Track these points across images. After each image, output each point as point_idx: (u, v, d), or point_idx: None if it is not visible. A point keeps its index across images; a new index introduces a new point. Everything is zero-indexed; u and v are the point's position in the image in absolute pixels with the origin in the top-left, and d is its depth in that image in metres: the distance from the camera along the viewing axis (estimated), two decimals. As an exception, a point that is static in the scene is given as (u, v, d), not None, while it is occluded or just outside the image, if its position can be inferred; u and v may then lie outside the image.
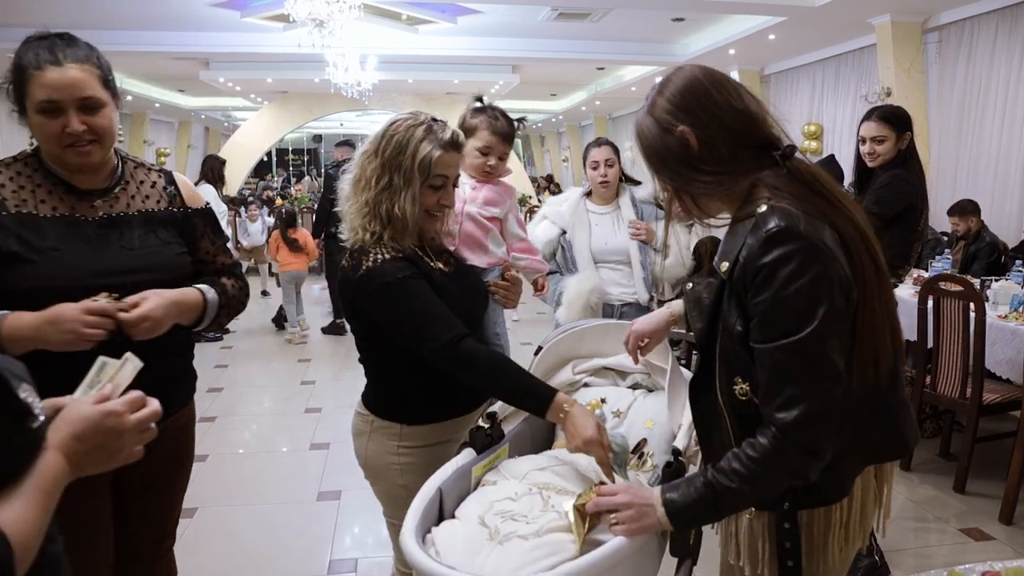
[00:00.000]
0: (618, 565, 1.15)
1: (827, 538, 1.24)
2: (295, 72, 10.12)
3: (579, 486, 1.41)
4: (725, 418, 1.22)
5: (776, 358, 1.10)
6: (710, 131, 1.17)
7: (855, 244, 1.15)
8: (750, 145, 1.19)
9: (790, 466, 1.12)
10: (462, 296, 1.65)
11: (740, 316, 1.15)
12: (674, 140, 1.19)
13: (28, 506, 0.80)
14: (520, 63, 10.07)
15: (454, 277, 1.67)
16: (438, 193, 1.61)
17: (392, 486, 1.65)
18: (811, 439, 1.10)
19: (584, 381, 1.78)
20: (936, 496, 3.31)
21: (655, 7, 7.05)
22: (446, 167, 1.59)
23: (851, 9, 6.30)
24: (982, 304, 3.22)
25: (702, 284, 1.25)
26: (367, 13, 7.26)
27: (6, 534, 0.75)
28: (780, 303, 1.09)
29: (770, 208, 1.13)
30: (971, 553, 2.84)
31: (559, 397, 1.49)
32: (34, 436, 0.83)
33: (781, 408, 1.10)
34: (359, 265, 1.55)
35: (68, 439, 0.85)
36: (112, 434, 0.88)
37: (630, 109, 14.22)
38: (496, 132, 1.98)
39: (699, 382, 1.27)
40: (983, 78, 6.07)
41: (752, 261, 1.11)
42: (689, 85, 1.20)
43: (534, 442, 1.69)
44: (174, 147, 15.84)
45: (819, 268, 1.09)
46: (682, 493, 1.18)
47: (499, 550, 1.19)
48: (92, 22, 7.78)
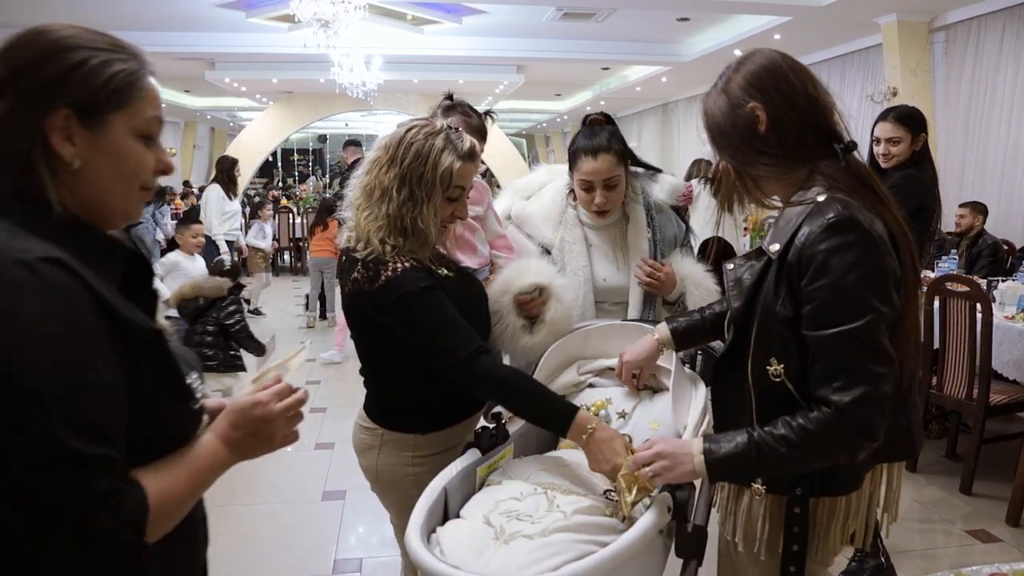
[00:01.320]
0: (623, 566, 1.15)
1: (830, 527, 1.27)
2: (300, 72, 10.14)
3: (585, 487, 1.41)
4: (751, 399, 1.24)
5: (833, 345, 1.12)
6: (781, 111, 1.20)
7: (904, 245, 1.18)
8: (816, 132, 1.22)
9: (845, 443, 1.14)
10: (473, 302, 1.62)
11: (789, 299, 1.17)
12: (743, 116, 1.21)
13: (175, 477, 0.88)
14: (525, 63, 10.07)
15: (461, 283, 1.63)
16: (453, 205, 1.57)
17: (407, 497, 1.52)
18: (868, 420, 1.12)
19: (589, 382, 1.78)
20: (942, 497, 3.30)
21: (660, 7, 7.04)
22: (464, 178, 1.55)
23: (857, 9, 6.28)
24: (989, 305, 3.21)
25: (744, 265, 1.28)
26: (372, 13, 7.27)
27: (147, 495, 0.82)
28: (837, 291, 1.11)
29: (830, 197, 1.16)
30: (978, 555, 2.83)
31: (581, 416, 1.41)
32: (192, 415, 0.95)
33: (839, 391, 1.12)
34: (377, 276, 1.48)
35: (226, 427, 0.96)
36: (261, 421, 0.97)
37: (635, 109, 14.20)
38: (473, 130, 1.88)
39: (727, 361, 1.29)
40: (990, 78, 6.05)
41: (810, 247, 1.14)
42: (768, 65, 1.23)
43: (539, 442, 1.69)
44: (180, 147, 15.89)
45: (876, 260, 1.12)
46: (723, 445, 1.20)
47: (504, 549, 1.19)
48: (97, 23, 7.74)
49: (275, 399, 0.99)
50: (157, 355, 0.88)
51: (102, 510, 0.77)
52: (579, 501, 1.33)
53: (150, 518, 0.82)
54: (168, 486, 0.87)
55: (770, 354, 1.20)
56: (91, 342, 0.80)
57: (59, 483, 0.76)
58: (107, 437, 0.80)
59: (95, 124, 0.86)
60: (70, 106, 0.84)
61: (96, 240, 0.88)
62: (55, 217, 0.84)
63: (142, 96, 0.90)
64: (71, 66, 0.85)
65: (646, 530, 1.19)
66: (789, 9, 6.48)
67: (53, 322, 0.78)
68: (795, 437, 1.15)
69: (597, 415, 1.64)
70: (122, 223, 0.94)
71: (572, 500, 1.33)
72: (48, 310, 0.78)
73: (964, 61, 6.30)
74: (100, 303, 0.82)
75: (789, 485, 1.24)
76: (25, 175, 0.84)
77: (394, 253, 1.50)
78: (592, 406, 1.66)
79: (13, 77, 0.84)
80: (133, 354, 0.84)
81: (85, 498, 0.76)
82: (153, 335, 0.88)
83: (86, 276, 0.81)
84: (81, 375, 0.78)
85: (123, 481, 0.81)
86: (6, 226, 0.82)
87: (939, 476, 3.50)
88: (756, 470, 1.21)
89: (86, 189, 0.87)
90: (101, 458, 0.78)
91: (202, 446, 0.94)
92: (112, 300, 0.83)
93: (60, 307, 0.78)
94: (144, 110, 0.90)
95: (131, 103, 0.88)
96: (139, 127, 0.90)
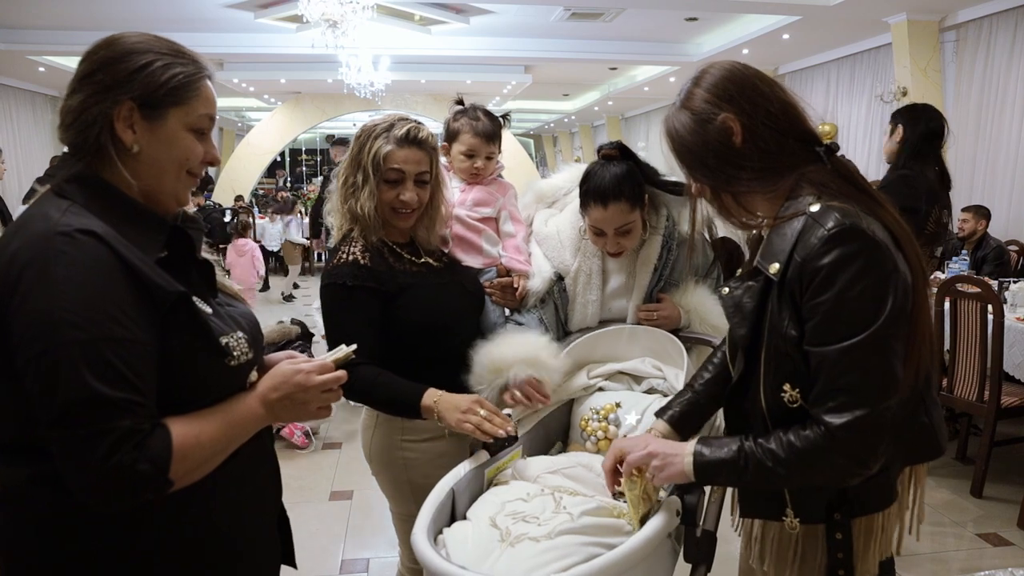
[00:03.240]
0: (630, 569, 1.14)
1: (869, 543, 1.22)
2: (308, 73, 10.16)
3: (592, 489, 1.40)
4: (767, 423, 1.16)
5: (833, 361, 1.05)
6: (756, 120, 1.12)
7: (907, 243, 1.11)
8: (796, 138, 1.15)
9: (834, 469, 1.08)
10: (436, 294, 1.68)
11: (793, 319, 1.10)
12: (714, 132, 1.14)
13: (205, 425, 0.99)
14: (533, 63, 10.06)
15: (433, 275, 1.70)
16: (396, 188, 1.64)
17: (397, 480, 1.68)
18: (862, 447, 1.06)
19: (599, 385, 1.77)
20: (953, 500, 3.28)
21: (668, 7, 7.01)
22: (400, 162, 1.62)
23: (867, 8, 6.25)
24: (1000, 306, 3.18)
25: (741, 288, 1.19)
26: (380, 14, 7.28)
27: (172, 437, 0.93)
28: (842, 305, 1.04)
29: (825, 206, 1.08)
30: (988, 558, 2.81)
31: (427, 393, 1.53)
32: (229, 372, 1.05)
33: (833, 412, 1.05)
34: (330, 260, 1.66)
35: (266, 388, 1.07)
36: (299, 388, 1.07)
37: (643, 109, 14.17)
38: (478, 133, 1.90)
39: (739, 388, 1.22)
40: (1001, 77, 6.00)
41: (811, 261, 1.06)
42: (730, 75, 1.16)
43: (548, 445, 1.68)
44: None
45: (883, 269, 1.05)
46: (713, 449, 1.16)
47: (510, 552, 1.18)
48: (105, 23, 7.84)
49: (316, 371, 1.09)
50: (187, 315, 1.00)
51: (124, 447, 0.89)
52: (586, 502, 1.32)
53: (174, 458, 0.93)
54: (196, 432, 0.97)
55: (784, 380, 1.12)
56: (116, 302, 0.93)
57: (86, 420, 0.88)
58: (130, 383, 0.91)
59: (154, 116, 1.02)
60: (134, 99, 1.00)
61: (140, 217, 1.02)
62: (109, 196, 1.00)
63: (196, 96, 1.05)
64: (138, 67, 1.00)
65: (654, 534, 1.18)
66: (798, 8, 6.45)
67: (83, 283, 0.91)
68: (782, 453, 1.09)
69: (607, 418, 1.63)
70: (173, 205, 1.09)
71: (579, 501, 1.33)
72: (79, 273, 0.91)
73: (975, 60, 6.25)
74: (130, 270, 0.95)
75: (825, 513, 1.18)
76: (94, 158, 1.00)
77: (345, 239, 1.66)
78: (602, 409, 1.66)
79: (91, 73, 1.00)
80: (162, 315, 0.97)
81: (109, 434, 0.88)
82: (179, 296, 0.99)
83: (119, 247, 0.95)
84: (106, 328, 0.91)
85: (147, 423, 0.92)
86: (64, 205, 0.97)
87: (950, 479, 3.47)
88: (740, 479, 1.15)
89: (144, 172, 1.03)
90: (123, 401, 0.90)
91: (240, 401, 1.05)
92: (142, 268, 0.96)
93: (90, 271, 0.92)
94: (197, 108, 1.05)
95: (186, 101, 1.04)
96: (192, 122, 1.05)
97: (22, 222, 0.98)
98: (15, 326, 0.91)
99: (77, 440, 0.88)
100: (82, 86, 1.00)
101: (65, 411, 0.88)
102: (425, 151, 1.66)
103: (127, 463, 0.89)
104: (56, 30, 7.85)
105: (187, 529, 1.03)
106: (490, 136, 1.92)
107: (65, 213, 0.95)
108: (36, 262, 0.91)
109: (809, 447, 1.07)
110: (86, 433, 0.88)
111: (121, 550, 0.99)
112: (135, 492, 0.91)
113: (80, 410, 0.88)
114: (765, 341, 1.14)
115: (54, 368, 0.88)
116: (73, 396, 0.88)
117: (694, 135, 1.16)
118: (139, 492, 0.91)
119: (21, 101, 10.34)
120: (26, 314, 0.90)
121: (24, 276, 0.91)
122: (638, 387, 1.76)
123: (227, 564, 1.09)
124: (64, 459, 0.90)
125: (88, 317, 0.90)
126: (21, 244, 0.93)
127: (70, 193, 0.99)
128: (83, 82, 1.01)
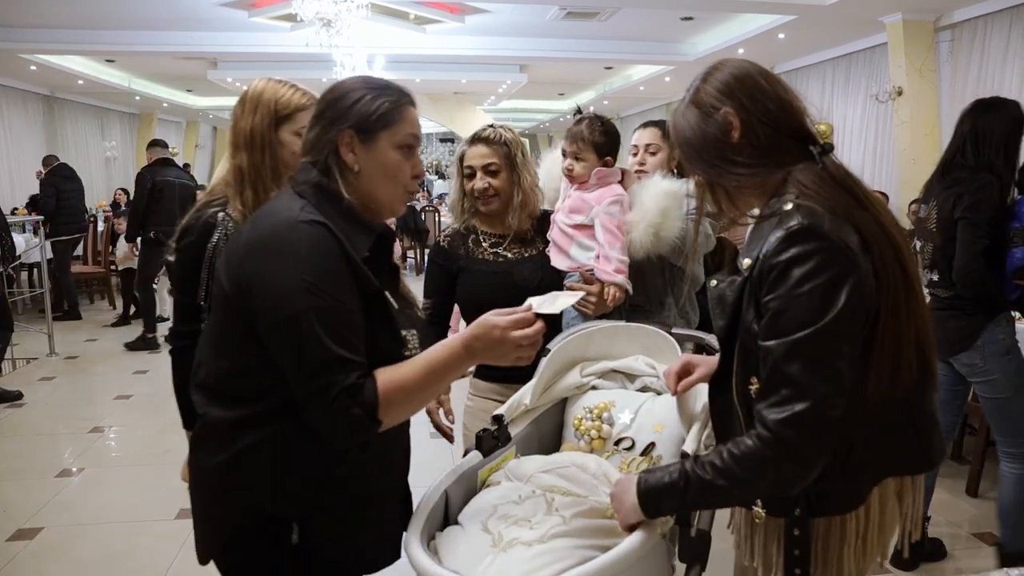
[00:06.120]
0: (625, 572, 1.12)
1: (842, 549, 1.21)
2: (303, 72, 10.11)
3: (585, 489, 1.38)
4: (739, 417, 1.20)
5: (778, 355, 1.06)
6: (753, 117, 1.17)
7: (882, 248, 1.11)
8: (791, 136, 1.18)
9: (771, 472, 1.07)
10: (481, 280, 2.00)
11: (756, 314, 1.13)
12: (714, 125, 1.18)
13: (408, 372, 1.18)
14: (528, 62, 10.06)
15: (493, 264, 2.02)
16: (472, 181, 2.02)
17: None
18: (800, 445, 1.05)
19: (592, 384, 1.75)
20: (948, 500, 3.27)
21: (664, 6, 7.01)
22: (469, 158, 2.03)
23: (862, 7, 6.25)
24: (996, 305, 3.16)
25: (726, 282, 1.23)
26: (375, 12, 7.26)
27: (378, 387, 1.13)
28: (791, 300, 1.06)
29: (796, 206, 1.10)
30: (984, 558, 2.81)
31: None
32: (404, 359, 1.22)
33: (775, 406, 1.05)
34: None
35: (470, 335, 1.21)
36: (496, 341, 1.19)
37: (639, 108, 14.17)
38: (568, 134, 2.09)
39: (718, 380, 1.26)
40: (996, 77, 6.01)
41: (770, 258, 1.09)
42: (738, 72, 1.20)
43: (541, 445, 1.67)
44: (182, 147, 15.89)
45: (837, 270, 1.06)
46: (656, 477, 1.16)
47: (502, 557, 1.17)
48: (100, 22, 7.80)
49: (513, 327, 1.19)
50: (381, 306, 1.22)
51: (344, 396, 1.11)
52: (579, 503, 1.31)
53: (381, 402, 1.13)
54: (401, 378, 1.16)
55: (751, 372, 1.14)
56: (340, 280, 1.16)
57: (324, 375, 1.11)
58: (353, 346, 1.14)
59: (369, 140, 1.25)
60: (353, 128, 1.24)
61: (355, 221, 1.24)
62: (333, 202, 1.23)
63: (401, 120, 1.27)
64: (353, 102, 1.25)
65: (648, 535, 1.17)
66: (794, 8, 6.45)
67: (318, 262, 1.14)
68: (720, 463, 1.09)
69: (600, 417, 1.62)
70: (387, 214, 1.32)
71: (571, 502, 1.31)
72: (316, 254, 1.15)
73: (970, 60, 6.26)
74: (349, 258, 1.18)
75: (790, 506, 1.19)
76: (325, 174, 1.25)
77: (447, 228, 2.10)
78: (595, 408, 1.64)
79: (322, 112, 1.27)
80: (364, 301, 1.19)
81: (337, 387, 1.11)
82: (378, 291, 1.21)
83: (342, 239, 1.18)
84: (336, 300, 1.14)
85: (363, 377, 1.14)
86: (301, 203, 1.21)
87: (945, 478, 3.46)
88: (685, 501, 1.13)
89: (363, 187, 1.26)
90: (349, 360, 1.13)
91: (444, 345, 1.22)
92: (356, 259, 1.19)
93: (324, 254, 1.15)
94: (403, 129, 1.27)
95: (393, 124, 1.26)
96: (399, 141, 1.27)
97: (269, 210, 1.24)
98: (261, 293, 1.14)
99: (317, 391, 1.11)
100: (316, 123, 1.27)
101: (311, 368, 1.11)
102: (491, 146, 2.00)
103: (345, 408, 1.11)
104: (48, 28, 7.81)
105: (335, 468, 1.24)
106: (577, 136, 2.05)
107: (303, 210, 1.19)
108: (284, 242, 1.15)
109: (749, 452, 1.07)
110: (321, 385, 1.11)
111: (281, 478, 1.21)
112: (354, 431, 1.14)
113: (320, 368, 1.11)
114: (739, 334, 1.18)
115: (302, 329, 1.11)
116: (317, 355, 1.11)
117: (695, 128, 1.21)
118: (356, 431, 1.14)
119: (12, 100, 10.29)
120: (275, 283, 1.13)
121: (269, 253, 1.15)
122: (632, 385, 1.75)
123: (358, 503, 1.29)
124: (306, 405, 1.14)
125: (323, 289, 1.13)
126: (271, 227, 1.18)
127: (306, 194, 1.23)
128: (317, 119, 1.28)
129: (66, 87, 10.98)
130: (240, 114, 1.70)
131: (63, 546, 2.95)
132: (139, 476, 3.64)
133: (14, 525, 3.11)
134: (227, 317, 1.22)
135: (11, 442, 4.17)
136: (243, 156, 1.67)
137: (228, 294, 1.20)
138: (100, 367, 5.78)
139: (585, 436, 1.62)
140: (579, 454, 1.53)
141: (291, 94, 1.74)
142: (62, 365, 5.84)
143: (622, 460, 1.56)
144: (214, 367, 1.26)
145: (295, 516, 1.24)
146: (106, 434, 4.27)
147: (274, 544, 1.24)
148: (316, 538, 1.25)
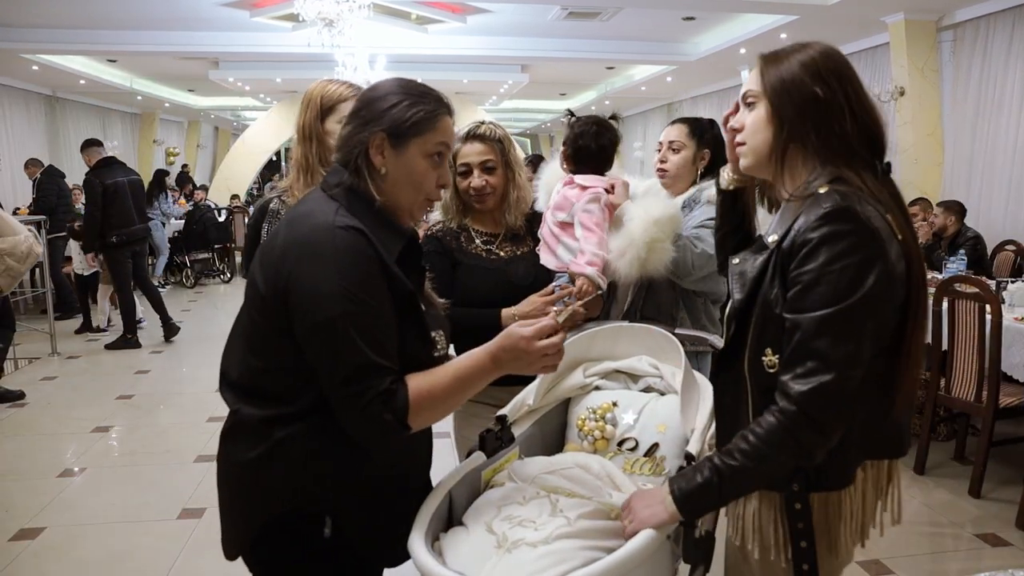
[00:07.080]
0: (630, 573, 1.12)
1: (840, 528, 1.24)
2: (304, 72, 10.13)
3: (589, 490, 1.38)
4: (747, 392, 1.22)
5: (805, 328, 1.10)
6: (856, 109, 1.17)
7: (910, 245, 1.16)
8: (866, 144, 1.19)
9: (797, 443, 1.12)
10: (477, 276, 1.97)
11: (781, 288, 1.16)
12: (816, 90, 1.17)
13: (438, 379, 1.21)
14: (530, 62, 10.06)
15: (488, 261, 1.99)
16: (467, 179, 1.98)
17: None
18: (823, 414, 1.10)
19: (595, 384, 1.75)
20: (951, 501, 3.27)
21: (666, 6, 7.01)
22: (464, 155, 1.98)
23: (864, 7, 6.25)
24: (998, 306, 3.17)
25: (748, 259, 1.26)
26: (376, 12, 7.26)
27: (409, 393, 1.17)
28: (823, 276, 1.10)
29: (831, 189, 1.14)
30: (987, 559, 2.80)
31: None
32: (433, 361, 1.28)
33: (800, 378, 1.10)
34: None
35: (496, 346, 1.23)
36: (522, 351, 1.22)
37: (640, 109, 14.16)
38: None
39: (727, 353, 1.27)
40: (999, 77, 6.00)
41: (804, 234, 1.12)
42: (847, 63, 1.21)
43: (545, 445, 1.66)
44: (183, 147, 15.91)
45: (867, 252, 1.10)
46: (688, 479, 1.19)
47: (507, 559, 1.16)
48: (101, 22, 7.81)
49: (537, 336, 1.22)
50: (411, 308, 1.24)
51: (378, 402, 1.14)
52: (583, 504, 1.31)
53: (411, 409, 1.16)
54: (430, 386, 1.20)
55: (767, 344, 1.19)
56: (376, 284, 1.18)
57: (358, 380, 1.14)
58: (387, 352, 1.17)
59: (399, 145, 1.26)
60: (384, 131, 1.25)
61: (387, 224, 1.26)
62: (365, 205, 1.24)
63: (434, 129, 1.28)
64: (389, 105, 1.26)
65: (653, 536, 1.17)
66: (796, 8, 6.45)
67: (354, 267, 1.16)
68: (749, 447, 1.13)
69: (603, 418, 1.62)
70: (407, 220, 1.33)
71: (575, 503, 1.31)
72: (352, 259, 1.17)
73: (972, 60, 6.25)
74: (383, 263, 1.20)
75: (786, 482, 1.22)
76: (356, 175, 1.26)
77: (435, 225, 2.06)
78: (598, 408, 1.64)
79: (358, 110, 1.28)
80: (396, 303, 1.21)
81: (371, 392, 1.14)
82: (410, 293, 1.24)
83: (376, 243, 1.19)
84: (371, 305, 1.17)
85: (396, 383, 1.16)
86: (334, 206, 1.23)
87: (947, 479, 3.46)
88: (723, 493, 1.18)
89: (388, 190, 1.27)
90: (384, 367, 1.16)
91: (472, 356, 1.24)
92: (389, 262, 1.21)
93: (360, 259, 1.17)
94: (435, 138, 1.28)
95: (425, 133, 1.27)
96: (429, 149, 1.28)
97: (304, 213, 1.24)
98: (299, 296, 1.16)
99: (352, 395, 1.14)
100: (351, 119, 1.28)
101: (348, 373, 1.14)
102: (487, 143, 1.95)
103: (378, 413, 1.14)
104: (50, 28, 7.82)
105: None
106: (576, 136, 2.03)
107: (337, 213, 1.21)
108: (320, 247, 1.16)
109: (773, 427, 1.12)
110: (357, 390, 1.14)
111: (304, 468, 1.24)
112: (384, 435, 1.17)
113: (357, 373, 1.14)
114: (757, 307, 1.20)
115: (337, 334, 1.14)
116: (353, 360, 1.14)
117: (801, 84, 1.18)
118: (386, 435, 1.16)
119: (14, 100, 10.29)
120: (313, 286, 1.15)
121: (308, 257, 1.16)
122: (635, 386, 1.74)
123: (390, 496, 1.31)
124: (339, 408, 1.17)
125: (359, 294, 1.15)
126: (306, 232, 1.19)
127: (338, 197, 1.24)
128: (352, 117, 1.29)
129: (68, 87, 10.98)
130: (299, 114, 1.91)
131: (65, 546, 2.95)
132: (141, 476, 3.63)
133: (16, 525, 3.11)
134: (263, 317, 1.23)
135: (13, 442, 4.17)
136: (299, 149, 1.89)
137: (264, 295, 1.21)
138: (102, 367, 5.79)
139: (588, 437, 1.62)
140: (582, 455, 1.53)
141: (336, 88, 1.91)
142: (64, 365, 5.84)
143: (625, 461, 1.56)
144: (246, 365, 1.27)
145: (327, 510, 1.25)
146: (108, 434, 4.27)
147: (306, 538, 1.26)
148: (348, 531, 1.27)
